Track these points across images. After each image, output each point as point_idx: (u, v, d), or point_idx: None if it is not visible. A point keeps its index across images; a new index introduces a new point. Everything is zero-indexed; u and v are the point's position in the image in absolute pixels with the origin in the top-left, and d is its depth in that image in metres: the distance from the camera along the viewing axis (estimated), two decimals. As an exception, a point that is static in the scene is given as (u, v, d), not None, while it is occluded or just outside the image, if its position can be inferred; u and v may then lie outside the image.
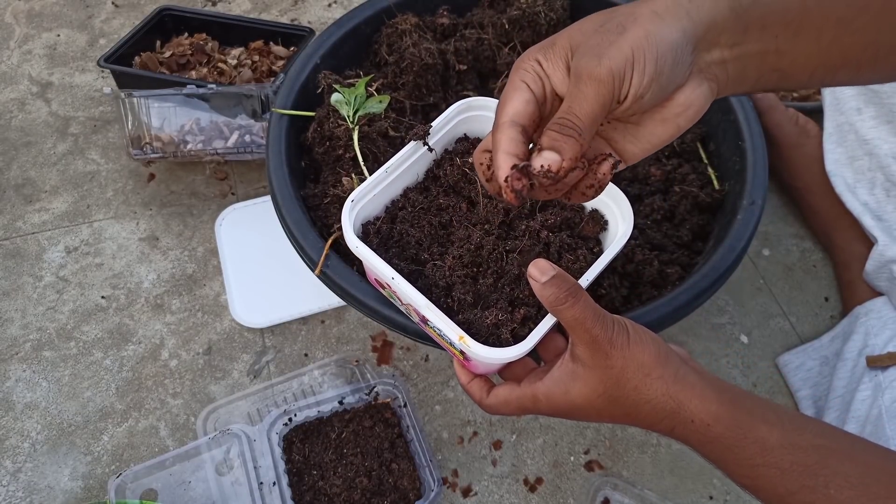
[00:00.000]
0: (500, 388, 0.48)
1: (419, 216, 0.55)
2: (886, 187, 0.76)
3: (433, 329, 0.49)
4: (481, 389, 0.49)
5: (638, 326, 0.43)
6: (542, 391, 0.45)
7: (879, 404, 0.65)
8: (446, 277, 0.51)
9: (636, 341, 0.42)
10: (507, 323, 0.48)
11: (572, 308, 0.41)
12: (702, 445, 0.42)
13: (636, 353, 0.41)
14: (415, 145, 0.55)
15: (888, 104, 0.74)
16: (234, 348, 0.79)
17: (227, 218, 0.90)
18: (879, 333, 0.72)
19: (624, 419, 0.44)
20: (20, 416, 0.74)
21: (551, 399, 0.45)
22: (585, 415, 0.45)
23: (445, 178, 0.56)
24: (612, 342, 0.41)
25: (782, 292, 0.85)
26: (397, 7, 0.78)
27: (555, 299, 0.42)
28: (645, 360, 0.41)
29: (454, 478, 0.70)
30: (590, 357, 0.42)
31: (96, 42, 1.15)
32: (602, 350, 0.41)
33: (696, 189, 0.68)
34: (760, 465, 0.40)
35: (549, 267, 0.42)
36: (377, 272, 0.49)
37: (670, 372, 0.41)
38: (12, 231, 0.90)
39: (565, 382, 0.44)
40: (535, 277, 0.43)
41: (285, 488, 0.65)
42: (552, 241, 0.52)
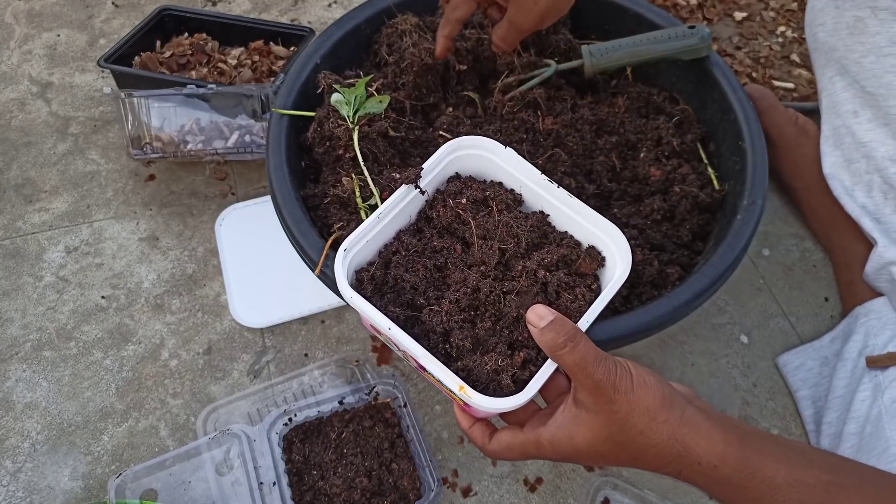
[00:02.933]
0: (502, 434, 0.47)
1: (413, 260, 0.54)
2: (884, 190, 0.76)
3: (430, 375, 0.48)
4: (483, 435, 0.48)
5: (641, 368, 0.42)
6: (545, 437, 0.44)
7: (879, 404, 0.65)
8: (444, 323, 0.50)
9: (640, 384, 0.41)
10: (508, 368, 0.47)
11: (572, 353, 0.41)
12: (710, 487, 0.42)
13: (641, 397, 0.41)
14: (406, 188, 0.55)
15: (884, 107, 0.75)
16: (234, 348, 0.79)
17: (227, 218, 0.90)
18: (879, 334, 0.72)
19: (630, 463, 0.43)
20: (20, 416, 0.74)
21: (555, 445, 0.44)
22: (590, 459, 0.44)
23: (439, 220, 0.55)
24: (615, 387, 0.41)
25: (782, 292, 0.85)
26: (397, 7, 0.78)
27: (554, 345, 0.42)
28: (650, 405, 0.41)
29: (454, 478, 0.70)
30: (593, 402, 0.42)
31: (96, 42, 1.15)
32: (605, 395, 0.41)
33: (696, 189, 0.68)
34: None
35: (547, 312, 0.42)
36: (373, 322, 0.48)
37: (676, 415, 0.41)
38: (12, 231, 0.90)
39: (568, 428, 0.43)
40: (533, 323, 0.43)
41: (285, 488, 0.65)
42: (549, 280, 0.51)
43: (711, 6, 1.16)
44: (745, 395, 0.76)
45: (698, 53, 0.73)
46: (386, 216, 0.54)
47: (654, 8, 0.79)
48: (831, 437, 0.69)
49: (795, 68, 1.06)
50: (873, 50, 0.73)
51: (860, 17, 0.74)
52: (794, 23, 1.14)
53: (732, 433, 0.41)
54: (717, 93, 0.73)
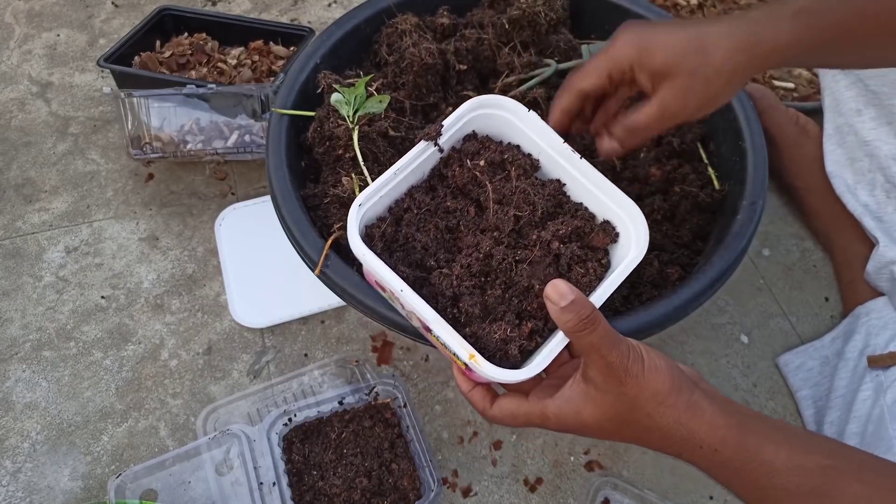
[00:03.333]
0: (505, 401, 0.47)
1: (425, 219, 0.53)
2: (887, 189, 0.76)
3: (435, 337, 0.48)
4: (484, 399, 0.49)
5: (652, 352, 0.43)
6: (551, 410, 0.45)
7: (881, 404, 0.65)
8: (454, 287, 0.49)
9: (651, 369, 0.42)
10: (516, 339, 0.47)
11: (590, 336, 0.41)
12: (710, 469, 0.42)
13: (651, 381, 0.41)
14: (425, 145, 0.54)
15: (888, 105, 0.74)
16: (233, 348, 0.79)
17: (227, 218, 0.90)
18: (880, 333, 0.72)
19: (633, 440, 0.44)
20: (20, 416, 0.74)
21: (561, 417, 0.45)
22: (594, 434, 0.45)
23: (453, 180, 0.54)
24: (627, 370, 0.41)
25: (782, 292, 0.85)
26: (397, 7, 0.78)
27: (573, 326, 0.42)
28: (659, 389, 0.41)
29: (454, 478, 0.70)
30: (603, 382, 0.42)
31: (96, 42, 1.15)
32: (616, 377, 0.41)
33: (697, 189, 0.67)
34: (768, 488, 0.40)
35: (568, 290, 0.42)
36: (383, 281, 0.47)
37: (683, 400, 0.42)
38: (12, 231, 0.90)
39: (576, 403, 0.44)
40: (553, 301, 0.42)
41: (285, 488, 0.65)
42: (563, 252, 0.50)
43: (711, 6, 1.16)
44: (745, 395, 0.76)
45: (698, 53, 0.73)
46: (402, 171, 0.52)
47: (655, 8, 0.79)
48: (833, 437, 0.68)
49: (795, 68, 1.06)
50: None
51: None
52: (795, 22, 1.14)
53: (734, 417, 0.42)
54: (717, 92, 0.72)
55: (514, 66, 0.74)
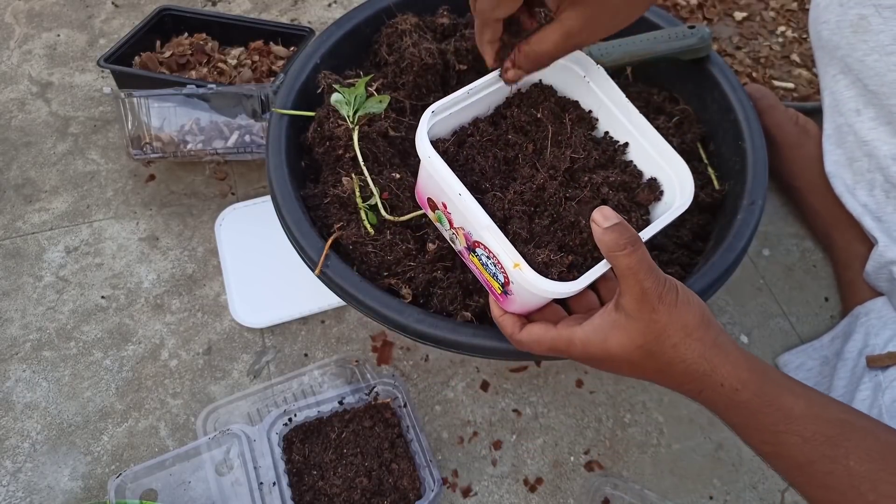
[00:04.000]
0: (533, 326, 0.48)
1: (486, 146, 0.54)
2: (886, 189, 0.76)
3: (477, 258, 0.49)
4: (514, 324, 0.49)
5: (687, 289, 0.44)
6: (579, 335, 0.45)
7: (880, 404, 0.65)
8: (504, 210, 0.50)
9: (684, 301, 0.43)
10: (557, 264, 0.48)
11: (629, 256, 0.42)
12: (727, 409, 0.43)
13: (682, 312, 0.42)
14: (495, 77, 0.54)
15: (887, 105, 0.74)
16: (234, 348, 0.79)
17: (227, 218, 0.90)
18: (880, 333, 0.72)
19: (655, 375, 0.45)
20: (20, 416, 0.74)
21: (588, 345, 0.45)
22: (618, 366, 0.46)
23: (514, 119, 0.56)
24: (661, 297, 0.42)
25: (782, 292, 0.85)
26: (397, 7, 0.78)
27: (614, 245, 0.42)
28: (688, 321, 0.42)
29: (454, 478, 0.70)
30: (636, 308, 0.43)
31: (96, 42, 1.15)
32: (649, 303, 0.42)
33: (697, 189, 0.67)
34: (783, 433, 0.41)
35: (614, 215, 0.43)
36: (443, 184, 0.48)
37: (710, 336, 0.43)
38: (12, 231, 0.90)
39: (605, 330, 0.44)
40: (598, 222, 0.43)
41: (285, 488, 0.65)
42: (610, 197, 0.51)
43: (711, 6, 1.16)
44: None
45: (698, 53, 0.73)
46: (476, 93, 0.54)
47: (655, 8, 0.79)
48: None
49: (795, 68, 1.06)
50: (877, 48, 0.73)
51: (864, 15, 0.74)
52: (794, 23, 1.14)
53: (757, 364, 0.43)
54: (717, 93, 0.73)
55: (514, 66, 0.74)
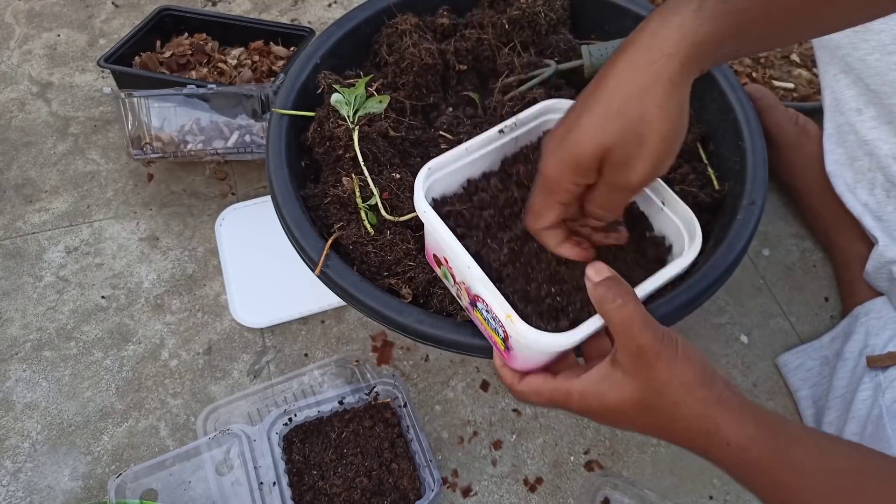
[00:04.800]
0: (533, 378, 0.47)
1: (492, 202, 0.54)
2: (887, 188, 0.76)
3: (479, 313, 0.48)
4: (514, 375, 0.49)
5: (687, 343, 0.42)
6: (577, 388, 0.44)
7: (880, 404, 0.65)
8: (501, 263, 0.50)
9: (683, 357, 0.41)
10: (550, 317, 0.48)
11: (620, 311, 0.41)
12: (735, 468, 0.41)
13: (681, 369, 0.41)
14: (497, 134, 0.54)
15: (888, 105, 0.74)
16: (234, 348, 0.79)
17: (227, 218, 0.90)
18: (879, 333, 0.72)
19: (656, 432, 0.43)
20: (20, 416, 0.74)
21: (585, 398, 0.44)
22: (616, 420, 0.44)
23: (518, 176, 0.55)
24: (658, 354, 0.40)
25: (782, 292, 0.85)
26: (397, 7, 0.78)
27: (605, 299, 0.41)
28: (689, 379, 0.41)
29: (454, 478, 0.70)
30: (632, 365, 0.41)
31: (96, 42, 1.15)
32: (646, 360, 0.41)
33: (697, 189, 0.67)
34: (798, 490, 0.39)
35: (606, 269, 0.43)
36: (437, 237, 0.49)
37: (713, 394, 0.41)
38: (12, 231, 0.90)
39: (603, 384, 0.43)
40: (590, 277, 0.43)
41: (285, 488, 0.65)
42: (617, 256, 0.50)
43: (712, 6, 1.16)
44: (745, 394, 0.76)
45: (698, 53, 0.73)
46: (475, 150, 0.54)
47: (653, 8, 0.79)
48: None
49: (795, 68, 1.06)
50: (878, 48, 0.73)
51: None
52: (795, 22, 1.14)
53: (764, 418, 0.41)
54: (716, 93, 0.73)
55: (514, 67, 0.74)
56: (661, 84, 0.39)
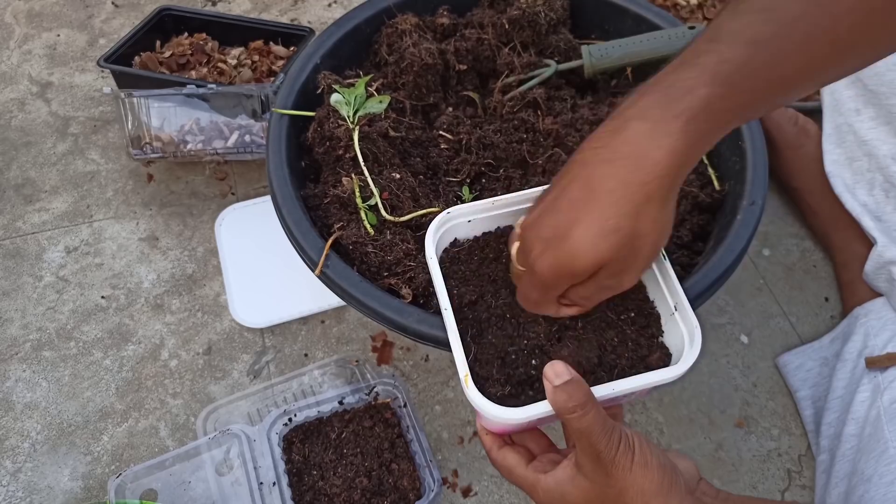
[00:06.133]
0: (510, 454, 0.48)
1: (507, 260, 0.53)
2: (885, 188, 0.76)
3: None
4: (492, 442, 0.49)
5: (647, 447, 0.42)
6: (542, 486, 0.45)
7: (878, 405, 0.65)
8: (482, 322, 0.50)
9: (640, 464, 0.41)
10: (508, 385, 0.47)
11: (579, 420, 0.41)
12: None
13: (637, 477, 0.40)
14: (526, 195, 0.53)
15: (887, 105, 0.74)
16: (234, 348, 0.79)
17: (227, 218, 0.90)
18: (879, 334, 0.72)
19: None
20: (20, 416, 0.74)
21: (548, 496, 0.44)
22: None
23: None
24: (614, 462, 0.40)
25: (782, 292, 0.85)
26: (397, 7, 0.78)
27: (564, 408, 0.41)
28: (646, 487, 0.40)
29: (454, 478, 0.70)
30: (591, 470, 0.42)
31: (96, 42, 1.15)
32: (603, 467, 0.41)
33: (697, 189, 0.67)
34: None
35: (565, 371, 0.42)
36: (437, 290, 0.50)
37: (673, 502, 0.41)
38: (12, 231, 0.90)
39: (564, 486, 0.43)
40: (549, 379, 0.42)
41: (285, 488, 0.65)
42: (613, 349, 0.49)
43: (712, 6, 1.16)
44: (745, 395, 0.76)
45: (698, 53, 0.73)
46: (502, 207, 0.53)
47: (655, 8, 0.79)
48: (831, 439, 0.68)
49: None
50: None
51: None
52: (795, 23, 1.14)
53: None
54: (717, 93, 0.72)
55: (514, 66, 0.74)
56: (655, 203, 0.40)
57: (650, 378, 0.46)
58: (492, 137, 0.69)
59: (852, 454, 0.64)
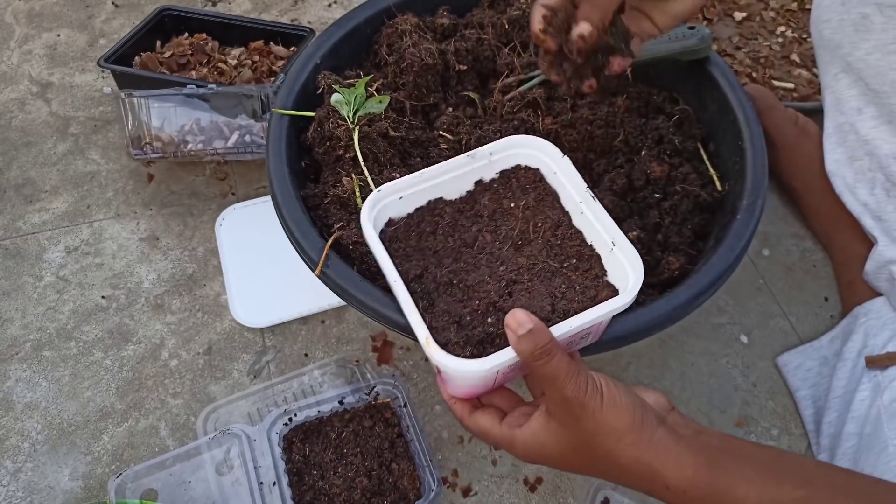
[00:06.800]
0: (481, 417, 0.48)
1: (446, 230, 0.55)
2: (886, 188, 0.76)
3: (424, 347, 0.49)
4: (463, 408, 0.49)
5: (615, 387, 0.42)
6: (519, 440, 0.45)
7: (878, 404, 0.65)
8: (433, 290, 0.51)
9: (610, 405, 0.41)
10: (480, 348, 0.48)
11: (545, 366, 0.41)
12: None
13: (608, 417, 0.41)
14: (465, 160, 0.55)
15: (888, 104, 0.74)
16: (234, 348, 0.79)
17: (227, 218, 0.90)
18: (878, 334, 0.72)
19: (601, 476, 0.44)
20: (20, 416, 0.74)
21: (528, 449, 0.45)
22: (561, 467, 0.45)
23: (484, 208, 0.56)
24: (583, 405, 0.40)
25: (782, 292, 0.85)
26: (397, 7, 0.78)
27: (529, 355, 0.41)
28: (617, 426, 0.41)
29: (454, 478, 0.70)
30: (562, 416, 0.42)
31: (96, 42, 1.15)
32: (573, 411, 0.41)
33: (698, 188, 0.68)
34: None
35: (527, 319, 0.42)
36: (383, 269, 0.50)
37: (644, 438, 0.41)
38: (12, 231, 0.90)
39: (541, 436, 0.44)
40: (511, 328, 0.42)
41: (285, 488, 0.65)
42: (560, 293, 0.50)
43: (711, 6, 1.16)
44: (745, 395, 0.76)
45: (698, 54, 0.73)
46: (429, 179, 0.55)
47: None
48: (831, 437, 0.69)
49: (795, 68, 1.06)
50: (879, 47, 0.73)
51: (866, 13, 0.74)
52: (794, 23, 1.14)
53: (702, 454, 0.41)
54: (717, 93, 0.73)
55: (514, 67, 0.74)
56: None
57: (603, 309, 0.46)
58: (492, 137, 0.69)
59: (852, 453, 0.64)
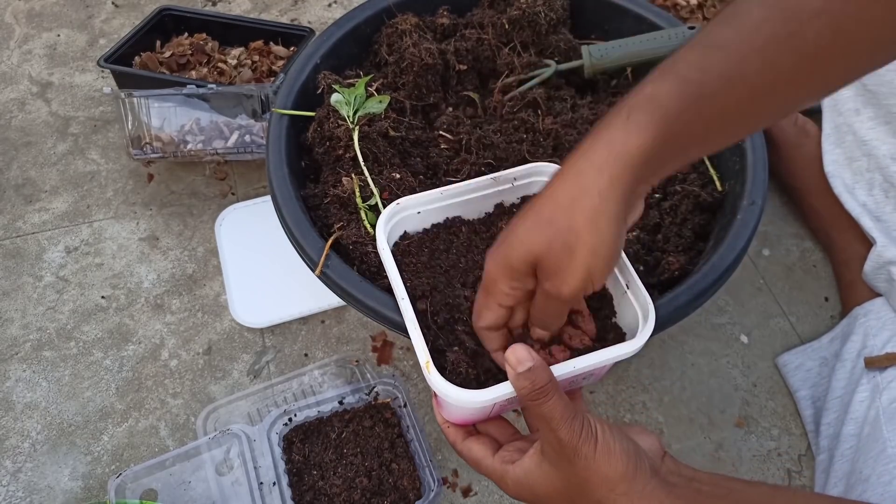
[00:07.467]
0: (475, 445, 0.47)
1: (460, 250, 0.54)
2: (885, 188, 0.76)
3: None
4: (456, 434, 0.49)
5: (609, 433, 0.41)
6: (510, 477, 0.44)
7: (877, 405, 0.65)
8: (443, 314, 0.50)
9: (603, 452, 0.40)
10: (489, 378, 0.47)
11: (541, 407, 0.40)
12: None
13: (601, 465, 0.40)
14: (489, 181, 0.54)
15: (886, 105, 0.74)
16: (234, 348, 0.79)
17: (227, 218, 0.90)
18: (878, 334, 0.72)
19: None
20: (20, 416, 0.74)
21: (519, 487, 0.44)
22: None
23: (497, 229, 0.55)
24: (576, 450, 0.40)
25: (782, 292, 0.85)
26: (397, 7, 0.78)
27: (526, 394, 0.41)
28: (609, 475, 0.40)
29: (454, 478, 0.70)
30: (555, 458, 0.41)
31: (96, 42, 1.15)
32: (566, 455, 0.40)
33: (698, 188, 0.68)
34: None
35: (527, 356, 0.41)
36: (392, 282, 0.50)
37: (636, 488, 0.40)
38: (12, 231, 0.90)
39: (532, 476, 0.43)
40: (511, 365, 0.42)
41: (285, 488, 0.65)
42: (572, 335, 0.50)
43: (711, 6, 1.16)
44: (745, 395, 0.76)
45: (698, 53, 0.73)
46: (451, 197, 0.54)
47: (655, 8, 0.79)
48: (830, 438, 0.69)
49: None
50: None
51: None
52: (794, 23, 1.14)
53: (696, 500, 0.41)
54: (717, 93, 0.73)
55: (514, 67, 0.74)
56: (589, 197, 0.40)
57: (608, 354, 0.46)
58: (492, 137, 0.69)
59: (851, 454, 0.64)
